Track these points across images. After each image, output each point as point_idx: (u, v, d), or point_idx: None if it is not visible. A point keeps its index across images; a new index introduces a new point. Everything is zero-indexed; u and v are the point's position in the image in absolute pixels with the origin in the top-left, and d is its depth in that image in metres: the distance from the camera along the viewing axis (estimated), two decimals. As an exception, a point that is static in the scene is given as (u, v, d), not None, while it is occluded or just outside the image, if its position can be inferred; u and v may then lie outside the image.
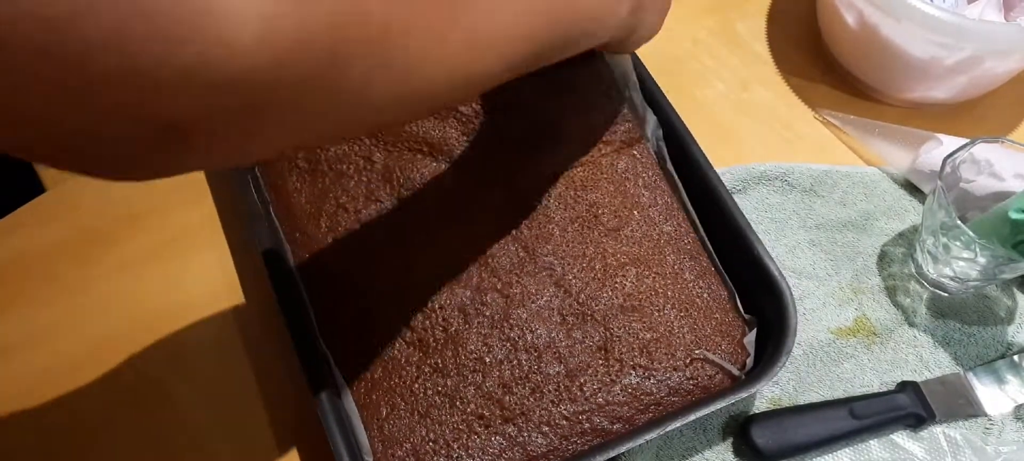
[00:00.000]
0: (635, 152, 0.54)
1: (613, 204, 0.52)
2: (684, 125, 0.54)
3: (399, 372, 0.47)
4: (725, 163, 0.61)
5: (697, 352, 0.48)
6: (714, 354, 0.48)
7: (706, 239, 0.53)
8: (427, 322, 0.48)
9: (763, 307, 0.49)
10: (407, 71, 0.29)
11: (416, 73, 0.30)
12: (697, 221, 0.53)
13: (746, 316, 0.50)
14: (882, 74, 0.63)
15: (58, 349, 0.52)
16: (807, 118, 0.64)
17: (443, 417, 0.46)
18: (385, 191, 0.52)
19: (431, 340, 0.48)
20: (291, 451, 0.49)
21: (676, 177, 0.54)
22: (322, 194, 0.52)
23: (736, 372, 0.48)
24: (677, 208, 0.53)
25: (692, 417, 0.44)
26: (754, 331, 0.49)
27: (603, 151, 0.53)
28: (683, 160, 0.54)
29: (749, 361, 0.49)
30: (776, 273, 0.49)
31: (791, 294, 0.48)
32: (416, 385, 0.47)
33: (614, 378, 0.47)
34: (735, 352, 0.49)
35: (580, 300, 0.49)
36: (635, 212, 0.52)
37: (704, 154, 0.53)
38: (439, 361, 0.47)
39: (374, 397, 0.46)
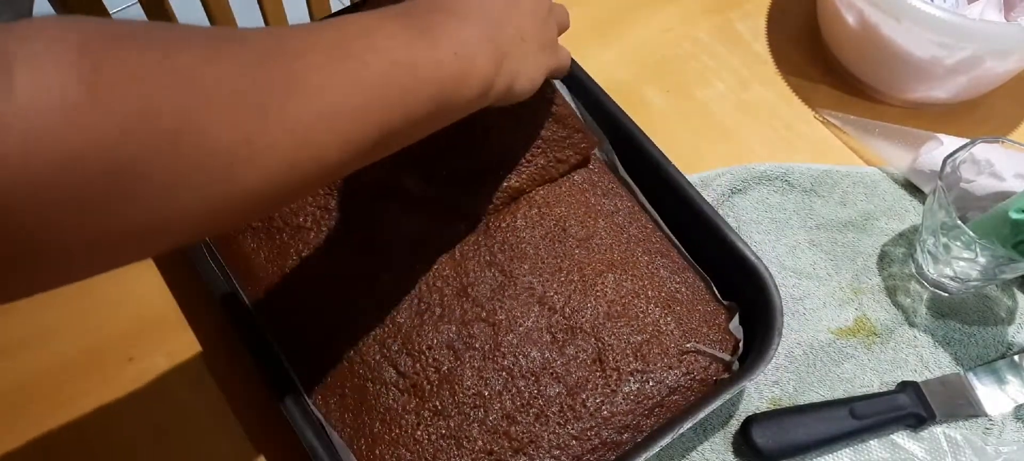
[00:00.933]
0: (589, 163, 0.55)
1: (578, 215, 0.53)
2: (640, 130, 0.55)
3: (398, 422, 0.46)
4: (725, 163, 0.61)
5: (688, 345, 0.48)
6: (704, 344, 0.48)
7: (672, 235, 0.53)
8: (417, 365, 0.47)
9: (744, 290, 0.50)
10: (217, 173, 0.27)
11: (229, 174, 0.27)
12: (660, 220, 0.54)
13: (726, 303, 0.51)
14: (882, 74, 0.63)
15: (58, 349, 0.52)
16: (807, 118, 0.64)
17: (452, 460, 0.45)
18: (348, 239, 0.51)
19: (425, 384, 0.47)
20: None
21: (631, 182, 0.55)
22: (282, 250, 0.51)
23: (728, 359, 0.48)
24: (639, 211, 0.54)
25: (702, 414, 0.44)
26: (736, 315, 0.50)
27: (559, 169, 0.54)
28: (644, 163, 0.54)
29: (739, 346, 0.49)
30: (751, 255, 0.49)
31: (769, 273, 0.49)
32: (419, 432, 0.46)
33: (614, 388, 0.47)
34: (723, 339, 0.49)
35: (565, 314, 0.49)
36: (600, 220, 0.53)
37: (663, 154, 0.54)
38: (438, 404, 0.46)
39: (378, 452, 0.45)
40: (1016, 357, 0.52)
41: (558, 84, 0.55)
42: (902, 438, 0.50)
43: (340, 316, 0.49)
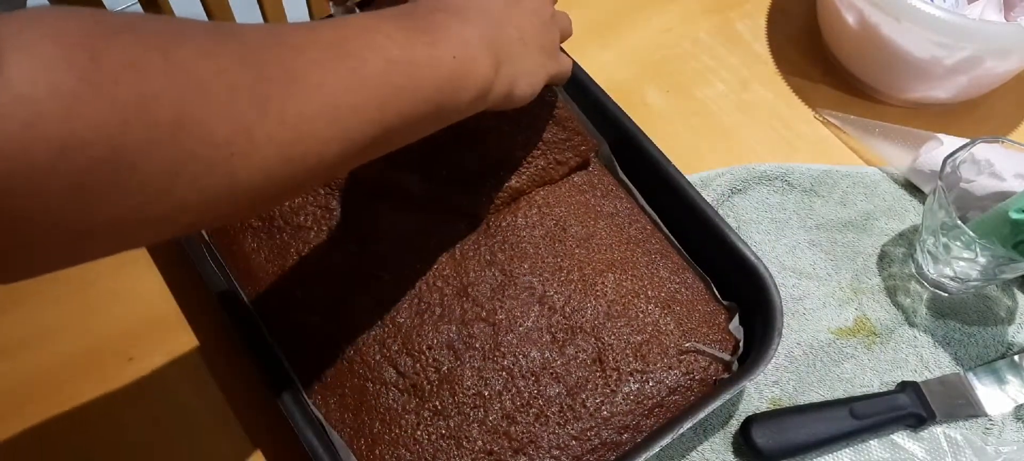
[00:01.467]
0: (588, 166, 0.55)
1: (578, 215, 0.53)
2: (640, 130, 0.55)
3: (398, 422, 0.46)
4: (725, 163, 0.61)
5: (687, 344, 0.48)
6: (704, 344, 0.48)
7: (672, 236, 0.53)
8: (417, 365, 0.47)
9: (744, 290, 0.50)
10: (215, 164, 0.27)
11: (226, 166, 0.28)
12: (659, 221, 0.54)
13: (726, 303, 0.51)
14: (882, 74, 0.63)
15: (58, 349, 0.52)
16: (807, 118, 0.64)
17: (452, 460, 0.45)
18: (348, 238, 0.51)
19: (425, 383, 0.47)
20: None
21: (630, 184, 0.55)
22: (282, 250, 0.51)
23: (727, 359, 0.48)
24: (639, 212, 0.54)
25: (702, 414, 0.44)
26: (736, 316, 0.50)
27: (559, 171, 0.54)
28: (644, 163, 0.54)
29: (739, 346, 0.49)
30: (751, 255, 0.49)
31: (769, 273, 0.49)
32: (419, 432, 0.46)
33: (614, 388, 0.47)
34: (723, 339, 0.49)
35: (566, 314, 0.49)
36: (600, 221, 0.53)
37: (663, 154, 0.54)
38: (438, 404, 0.46)
39: (377, 451, 0.45)
40: (1016, 357, 0.52)
41: (558, 88, 0.55)
42: (902, 438, 0.50)
43: (340, 316, 0.49)
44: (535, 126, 0.53)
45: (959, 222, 0.48)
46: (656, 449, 0.43)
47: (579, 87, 0.57)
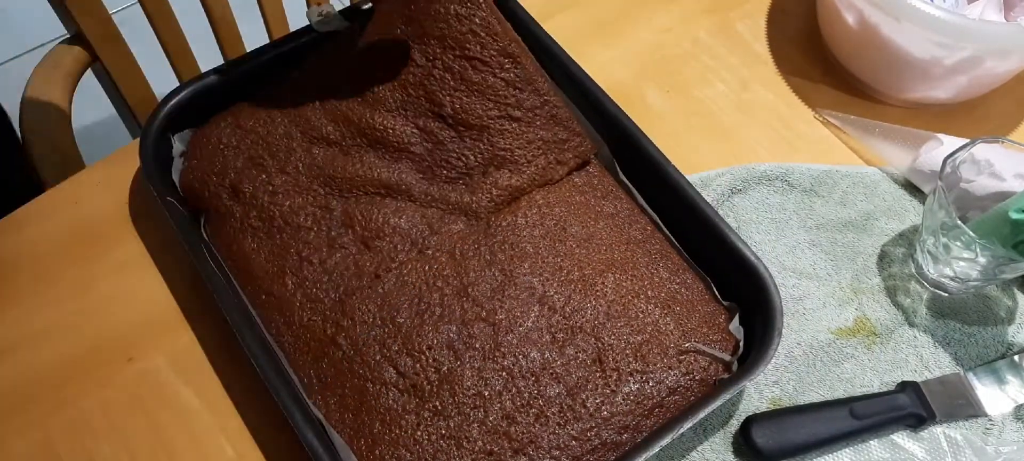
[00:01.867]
0: (588, 167, 0.55)
1: (578, 216, 0.53)
2: (640, 130, 0.55)
3: (398, 423, 0.46)
4: (725, 163, 0.61)
5: (687, 345, 0.48)
6: (704, 344, 0.48)
7: (672, 237, 0.53)
8: (417, 365, 0.47)
9: (744, 290, 0.50)
10: None
11: None
12: (660, 222, 0.54)
13: (726, 303, 0.51)
14: (882, 74, 0.63)
15: (58, 349, 0.52)
16: (807, 118, 0.64)
17: (452, 460, 0.45)
18: (348, 237, 0.51)
19: (425, 384, 0.47)
20: None
21: (630, 186, 0.55)
22: (282, 250, 0.51)
23: (728, 359, 0.48)
24: (639, 213, 0.54)
25: (702, 414, 0.44)
26: (736, 316, 0.50)
27: (558, 171, 0.54)
28: (644, 163, 0.54)
29: (740, 347, 0.49)
30: (751, 255, 0.49)
31: (769, 273, 0.49)
32: (419, 433, 0.46)
33: (614, 389, 0.47)
34: (723, 340, 0.49)
35: (566, 314, 0.49)
36: (600, 221, 0.53)
37: (663, 154, 0.54)
38: (438, 404, 0.46)
39: (378, 452, 0.45)
40: (1016, 357, 0.52)
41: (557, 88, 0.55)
42: (902, 438, 0.50)
43: (340, 316, 0.49)
44: (534, 124, 0.53)
45: (959, 222, 0.48)
46: (656, 449, 0.43)
47: (579, 87, 0.57)
